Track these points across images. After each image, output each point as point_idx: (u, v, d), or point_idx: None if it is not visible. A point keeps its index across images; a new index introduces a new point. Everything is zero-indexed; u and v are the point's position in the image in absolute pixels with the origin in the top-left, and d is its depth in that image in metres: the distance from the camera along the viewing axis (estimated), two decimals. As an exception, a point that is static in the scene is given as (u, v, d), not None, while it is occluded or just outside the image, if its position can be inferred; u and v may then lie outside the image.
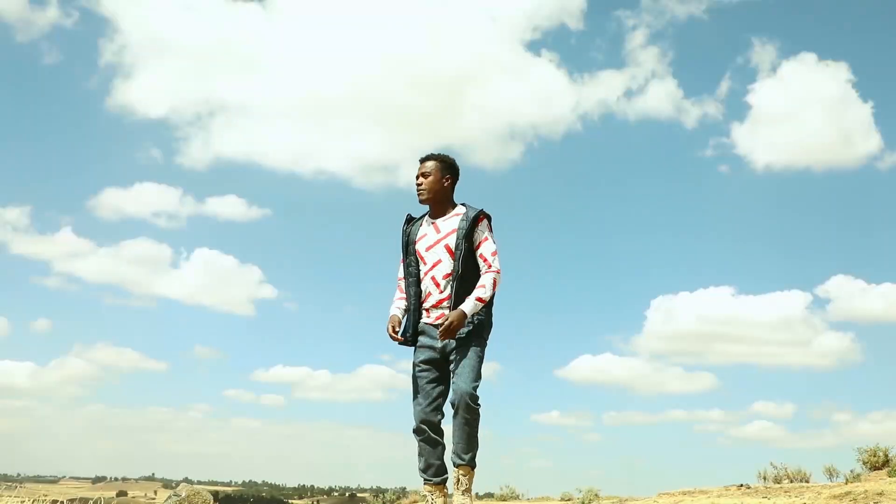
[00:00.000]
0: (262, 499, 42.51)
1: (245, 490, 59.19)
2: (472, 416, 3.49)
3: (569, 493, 12.09)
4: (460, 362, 3.52)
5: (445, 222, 3.73)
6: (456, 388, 3.49)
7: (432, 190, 3.72)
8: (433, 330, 3.63)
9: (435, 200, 3.74)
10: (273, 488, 63.43)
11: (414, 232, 3.80)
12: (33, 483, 34.46)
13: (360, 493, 44.18)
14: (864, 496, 7.40)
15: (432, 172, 3.73)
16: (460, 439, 3.53)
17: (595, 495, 10.92)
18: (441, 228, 3.72)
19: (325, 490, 58.16)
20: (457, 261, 3.62)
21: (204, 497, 4.90)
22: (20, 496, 3.46)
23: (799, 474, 11.20)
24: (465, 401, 3.44)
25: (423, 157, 3.78)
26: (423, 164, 3.76)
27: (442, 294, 3.65)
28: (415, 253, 3.74)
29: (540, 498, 12.95)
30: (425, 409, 3.58)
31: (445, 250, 3.66)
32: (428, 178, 3.72)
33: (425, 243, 3.73)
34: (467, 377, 3.48)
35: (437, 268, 3.67)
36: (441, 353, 3.61)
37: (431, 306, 3.68)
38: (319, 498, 53.79)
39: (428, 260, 3.70)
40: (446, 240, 3.68)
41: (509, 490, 13.30)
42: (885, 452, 10.63)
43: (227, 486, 61.48)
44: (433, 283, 3.68)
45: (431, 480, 3.63)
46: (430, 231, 3.74)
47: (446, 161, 3.77)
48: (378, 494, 17.97)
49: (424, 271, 3.71)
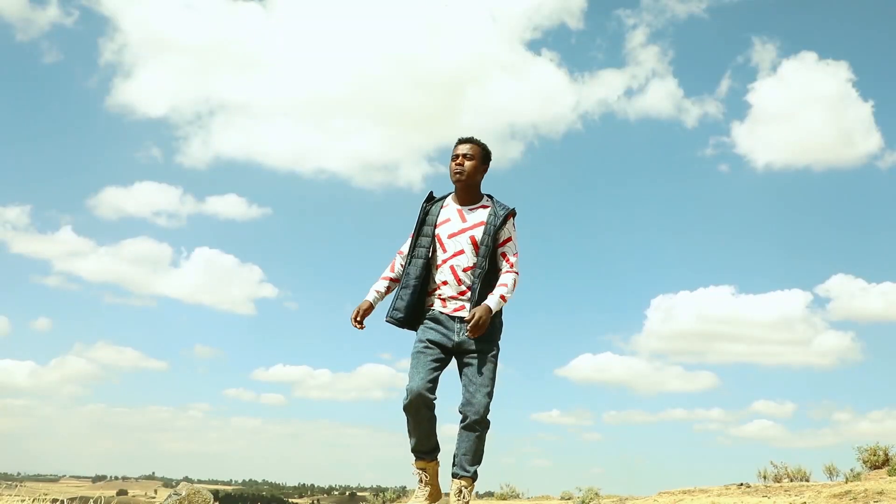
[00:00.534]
0: (262, 498, 42.52)
1: (245, 489, 59.17)
2: (483, 430, 3.40)
3: (569, 492, 12.09)
4: (477, 371, 3.41)
5: (473, 212, 3.57)
6: (471, 399, 3.38)
7: (471, 174, 3.55)
8: (449, 321, 3.48)
9: (469, 185, 3.56)
10: (273, 487, 63.44)
11: (434, 212, 3.62)
12: (34, 482, 34.49)
13: (360, 491, 44.20)
14: (864, 495, 7.39)
15: (475, 157, 3.56)
16: (468, 451, 3.41)
17: (595, 494, 10.92)
18: (468, 218, 3.55)
19: (325, 489, 58.19)
20: (483, 257, 3.47)
21: (204, 496, 4.90)
22: (20, 495, 3.46)
23: (799, 473, 11.20)
24: (481, 416, 3.36)
25: (466, 139, 3.59)
26: (467, 146, 3.57)
27: (461, 286, 3.49)
28: (433, 235, 3.56)
29: (540, 497, 12.95)
30: (423, 384, 3.35)
31: (470, 242, 3.50)
32: (470, 162, 3.54)
33: (448, 229, 3.55)
34: (485, 390, 3.38)
35: (457, 258, 3.50)
36: (453, 346, 3.45)
37: (449, 297, 3.51)
38: (319, 497, 53.80)
39: (448, 248, 3.52)
40: (472, 231, 3.51)
41: (509, 489, 13.31)
42: (885, 451, 10.63)
43: (228, 485, 61.48)
44: (452, 273, 3.50)
45: (424, 457, 3.50)
46: (455, 217, 3.57)
47: (486, 149, 3.61)
48: (378, 493, 17.96)
49: (443, 259, 3.53)
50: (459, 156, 3.55)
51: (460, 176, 3.54)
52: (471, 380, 3.40)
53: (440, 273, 3.53)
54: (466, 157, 3.54)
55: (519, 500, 12.69)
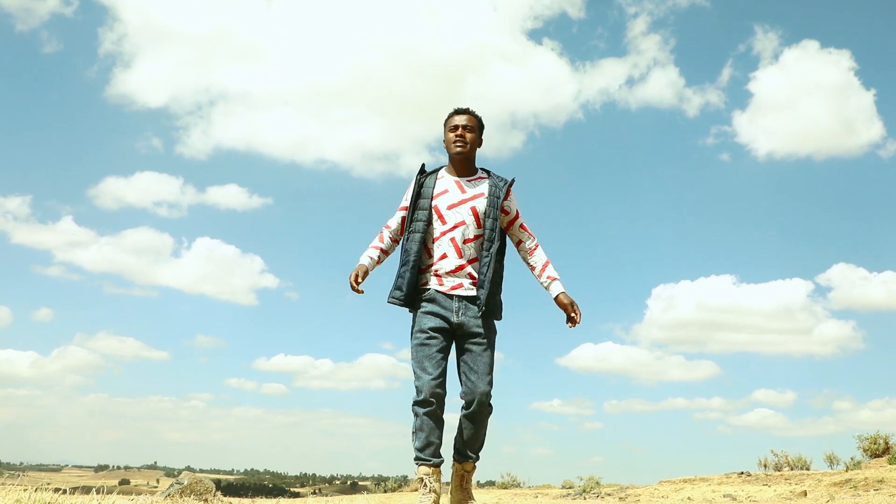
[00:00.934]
0: (264, 487, 42.69)
1: (247, 478, 59.45)
2: (486, 415, 3.36)
3: (570, 481, 12.12)
4: (477, 357, 3.35)
5: (471, 184, 3.48)
6: (473, 387, 3.32)
7: (472, 145, 3.47)
8: (447, 300, 3.38)
9: (469, 157, 3.48)
10: (275, 477, 63.69)
11: (430, 185, 3.49)
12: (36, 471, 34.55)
13: (361, 481, 44.38)
14: (864, 483, 7.40)
15: (475, 128, 3.49)
16: (471, 436, 3.37)
17: (596, 483, 10.94)
18: (467, 189, 3.46)
19: (326, 478, 58.38)
20: (491, 230, 3.40)
21: (206, 485, 4.91)
22: (23, 484, 3.46)
23: (799, 462, 11.24)
24: (483, 400, 3.30)
25: (463, 109, 3.51)
26: (465, 116, 3.49)
27: (460, 260, 3.39)
28: (429, 208, 3.44)
29: (541, 486, 12.99)
30: (434, 382, 3.27)
31: (471, 213, 3.41)
32: (470, 133, 3.46)
33: (447, 200, 3.44)
34: (487, 377, 3.33)
35: (458, 229, 3.40)
36: (452, 327, 3.37)
37: (447, 272, 3.40)
38: (321, 486, 53.97)
39: (448, 219, 3.41)
40: (473, 202, 3.43)
41: (511, 478, 13.36)
42: (886, 440, 10.67)
43: (230, 475, 61.76)
44: (452, 245, 3.39)
45: (429, 461, 3.34)
46: (454, 189, 3.47)
47: (481, 120, 3.54)
48: (379, 483, 18.04)
49: (442, 231, 3.42)
50: (459, 127, 3.46)
51: (462, 148, 3.44)
52: (471, 367, 3.34)
53: (438, 246, 3.42)
54: (467, 129, 3.46)
55: (520, 489, 12.72)
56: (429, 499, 3.34)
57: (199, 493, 4.77)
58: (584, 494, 9.80)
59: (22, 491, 3.07)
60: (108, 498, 3.30)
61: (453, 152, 3.47)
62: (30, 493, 3.00)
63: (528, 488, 12.74)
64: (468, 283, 3.40)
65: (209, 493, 4.82)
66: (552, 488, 12.30)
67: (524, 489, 12.57)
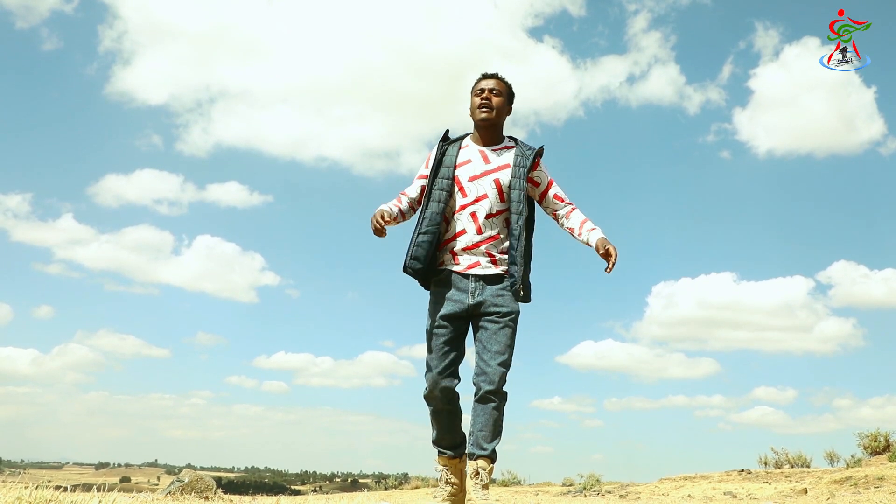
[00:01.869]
0: (264, 485, 42.73)
1: (248, 476, 59.48)
2: (501, 401, 3.06)
3: (570, 478, 12.14)
4: (492, 336, 3.06)
5: (496, 154, 3.20)
6: (486, 367, 3.03)
7: (499, 111, 3.20)
8: (462, 280, 3.11)
9: (495, 124, 3.20)
10: (275, 474, 63.72)
11: (452, 153, 3.20)
12: (37, 469, 34.62)
13: (362, 479, 44.36)
14: (864, 481, 7.41)
15: (503, 93, 3.21)
16: (485, 425, 3.06)
17: (597, 481, 10.95)
18: (491, 159, 3.18)
19: (327, 476, 58.34)
20: (518, 201, 3.10)
21: (207, 483, 4.91)
22: (24, 482, 3.46)
23: (800, 459, 11.24)
24: (497, 387, 3.02)
25: (491, 74, 3.25)
26: (492, 80, 3.23)
27: (479, 236, 3.12)
28: (451, 178, 3.15)
29: (542, 483, 12.99)
30: (440, 374, 3.07)
31: (494, 185, 3.12)
32: (497, 98, 3.19)
33: (469, 171, 3.16)
34: (501, 357, 3.03)
35: (479, 203, 3.12)
36: (468, 309, 3.11)
37: (463, 248, 3.13)
38: (322, 484, 53.96)
39: (469, 192, 3.13)
40: (497, 174, 3.14)
41: (511, 476, 13.36)
42: (886, 437, 10.68)
43: (230, 472, 61.75)
44: (471, 219, 3.12)
45: (446, 453, 3.21)
46: (478, 159, 3.19)
47: (512, 88, 3.27)
48: (380, 480, 18.05)
49: (462, 204, 3.14)
50: (486, 90, 3.19)
51: (488, 113, 3.17)
52: (485, 346, 3.07)
53: (457, 220, 3.14)
54: (493, 93, 3.19)
55: (521, 486, 12.72)
56: (443, 492, 3.19)
57: (199, 490, 4.77)
58: (584, 492, 9.81)
59: (23, 488, 3.07)
60: (109, 495, 3.30)
61: (478, 118, 3.20)
62: (31, 491, 3.00)
63: (528, 486, 12.74)
64: (486, 261, 3.13)
65: (210, 491, 4.81)
66: (553, 486, 12.30)
67: (525, 487, 12.57)
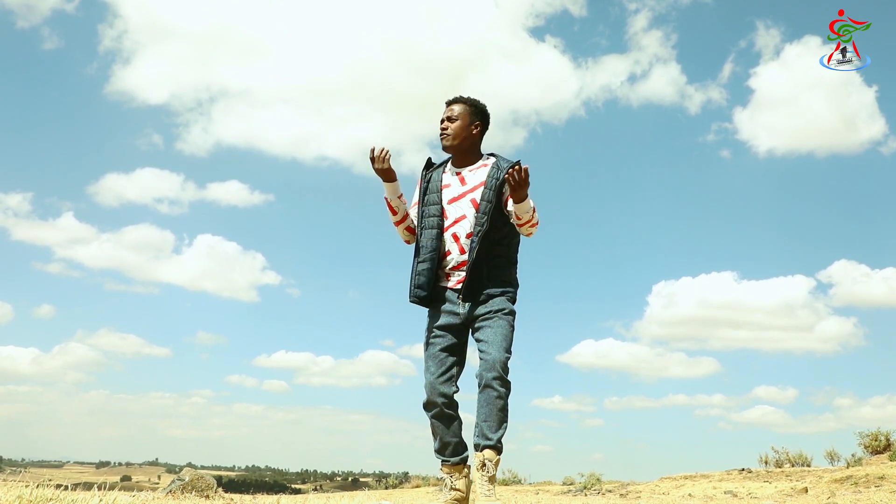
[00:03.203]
0: (265, 483, 42.76)
1: (248, 475, 59.49)
2: (503, 390, 3.09)
3: (571, 477, 12.14)
4: (490, 330, 3.16)
5: (472, 174, 3.32)
6: (486, 356, 3.11)
7: (459, 136, 3.32)
8: (453, 294, 3.26)
9: (460, 148, 3.33)
10: (276, 473, 63.78)
11: (436, 179, 3.39)
12: (38, 468, 34.67)
13: (362, 478, 44.36)
14: (865, 480, 7.41)
15: (460, 117, 3.33)
16: (488, 416, 3.09)
17: (597, 480, 10.96)
18: (467, 180, 3.32)
19: (327, 475, 58.39)
20: (483, 213, 3.20)
21: (207, 482, 4.91)
22: (25, 481, 3.47)
23: (800, 458, 11.24)
24: (498, 372, 3.07)
25: (451, 100, 3.38)
26: (450, 107, 3.36)
27: (462, 256, 3.26)
28: (439, 203, 3.32)
29: (542, 482, 12.99)
30: (437, 381, 3.18)
31: (471, 205, 3.26)
32: (455, 123, 3.32)
33: (448, 195, 3.33)
34: (500, 346, 3.12)
35: (458, 224, 3.27)
36: (463, 320, 3.24)
37: (451, 268, 3.29)
38: (322, 483, 53.99)
39: (450, 214, 3.30)
40: (472, 194, 3.27)
41: (512, 475, 13.35)
42: (887, 437, 10.68)
43: (231, 471, 61.76)
44: (454, 240, 3.28)
45: (449, 461, 3.25)
46: (455, 182, 3.34)
47: (476, 105, 3.37)
48: (381, 479, 18.06)
49: (445, 226, 3.30)
50: (444, 119, 3.36)
51: (445, 140, 3.34)
52: (483, 339, 3.16)
53: (444, 242, 3.31)
54: (450, 120, 3.34)
55: (521, 485, 12.73)
56: (444, 496, 3.23)
57: (200, 489, 4.77)
58: (584, 491, 9.82)
59: (24, 487, 3.07)
60: (109, 494, 3.30)
61: (442, 146, 3.38)
62: (31, 490, 3.00)
63: (529, 485, 12.75)
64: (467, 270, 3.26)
65: (210, 490, 4.81)
66: (553, 485, 12.30)
67: (525, 486, 12.57)
